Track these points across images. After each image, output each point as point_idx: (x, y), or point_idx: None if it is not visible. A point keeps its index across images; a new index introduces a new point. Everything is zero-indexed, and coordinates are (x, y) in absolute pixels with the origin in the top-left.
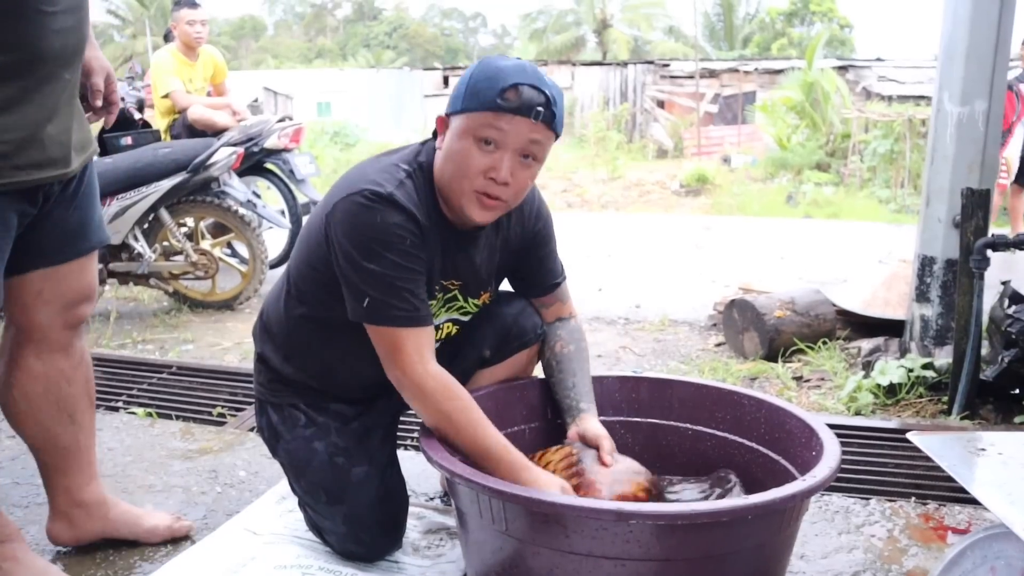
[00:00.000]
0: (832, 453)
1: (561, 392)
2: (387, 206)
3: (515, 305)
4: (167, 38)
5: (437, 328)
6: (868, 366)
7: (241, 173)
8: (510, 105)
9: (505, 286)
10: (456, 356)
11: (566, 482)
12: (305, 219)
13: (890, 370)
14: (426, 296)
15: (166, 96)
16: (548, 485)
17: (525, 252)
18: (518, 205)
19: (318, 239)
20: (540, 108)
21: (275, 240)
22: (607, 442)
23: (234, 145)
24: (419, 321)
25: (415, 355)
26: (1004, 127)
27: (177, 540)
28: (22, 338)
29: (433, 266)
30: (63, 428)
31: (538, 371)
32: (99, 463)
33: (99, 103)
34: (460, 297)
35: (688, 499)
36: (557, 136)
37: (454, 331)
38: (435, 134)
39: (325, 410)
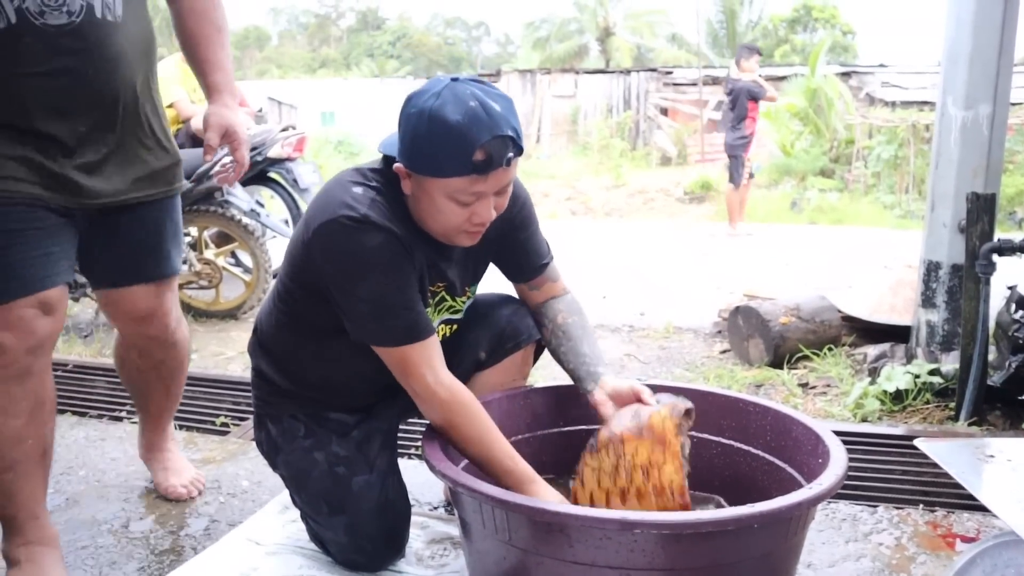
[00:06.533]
0: (838, 460)
1: (575, 360)
2: (364, 228)
3: (508, 307)
4: None
5: None
6: (874, 372)
7: (244, 182)
8: (483, 168)
9: (500, 286)
10: (452, 359)
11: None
12: None
13: (896, 376)
14: (422, 306)
15: (170, 106)
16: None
17: (504, 238)
18: None
19: (302, 261)
20: (510, 154)
21: (279, 249)
22: (644, 390)
23: None
24: (420, 333)
25: (424, 367)
26: (748, 132)
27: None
28: None
29: (422, 275)
30: (135, 397)
31: (536, 375)
32: (102, 473)
33: (208, 157)
34: (448, 297)
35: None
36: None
37: (449, 332)
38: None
39: (325, 420)
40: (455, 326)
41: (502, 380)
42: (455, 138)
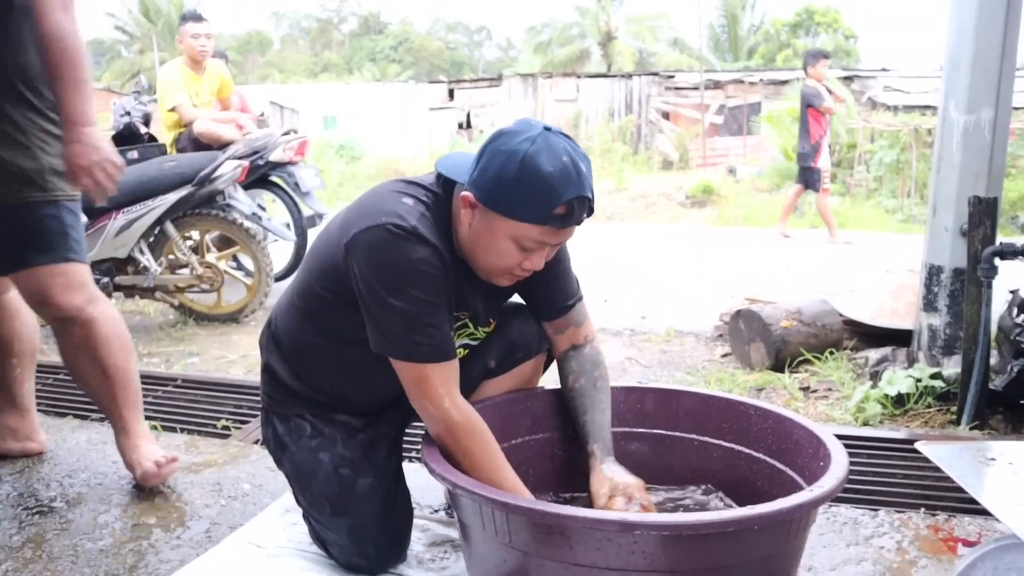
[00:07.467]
0: (840, 463)
1: (576, 429)
2: (411, 240)
3: (519, 316)
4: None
5: None
6: (876, 376)
7: (246, 186)
8: (559, 222)
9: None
10: (461, 367)
11: None
12: (311, 232)
13: (898, 380)
14: (450, 329)
15: (172, 109)
16: None
17: (535, 274)
18: None
19: (333, 265)
20: (585, 214)
21: (280, 253)
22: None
23: (239, 158)
24: (444, 355)
25: (441, 388)
26: (812, 141)
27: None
28: None
29: (450, 300)
30: (85, 390)
31: (543, 382)
32: (103, 476)
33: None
34: (471, 326)
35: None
36: None
37: (464, 353)
38: (442, 178)
39: (332, 421)
40: (469, 350)
41: (511, 387)
42: (544, 188)
